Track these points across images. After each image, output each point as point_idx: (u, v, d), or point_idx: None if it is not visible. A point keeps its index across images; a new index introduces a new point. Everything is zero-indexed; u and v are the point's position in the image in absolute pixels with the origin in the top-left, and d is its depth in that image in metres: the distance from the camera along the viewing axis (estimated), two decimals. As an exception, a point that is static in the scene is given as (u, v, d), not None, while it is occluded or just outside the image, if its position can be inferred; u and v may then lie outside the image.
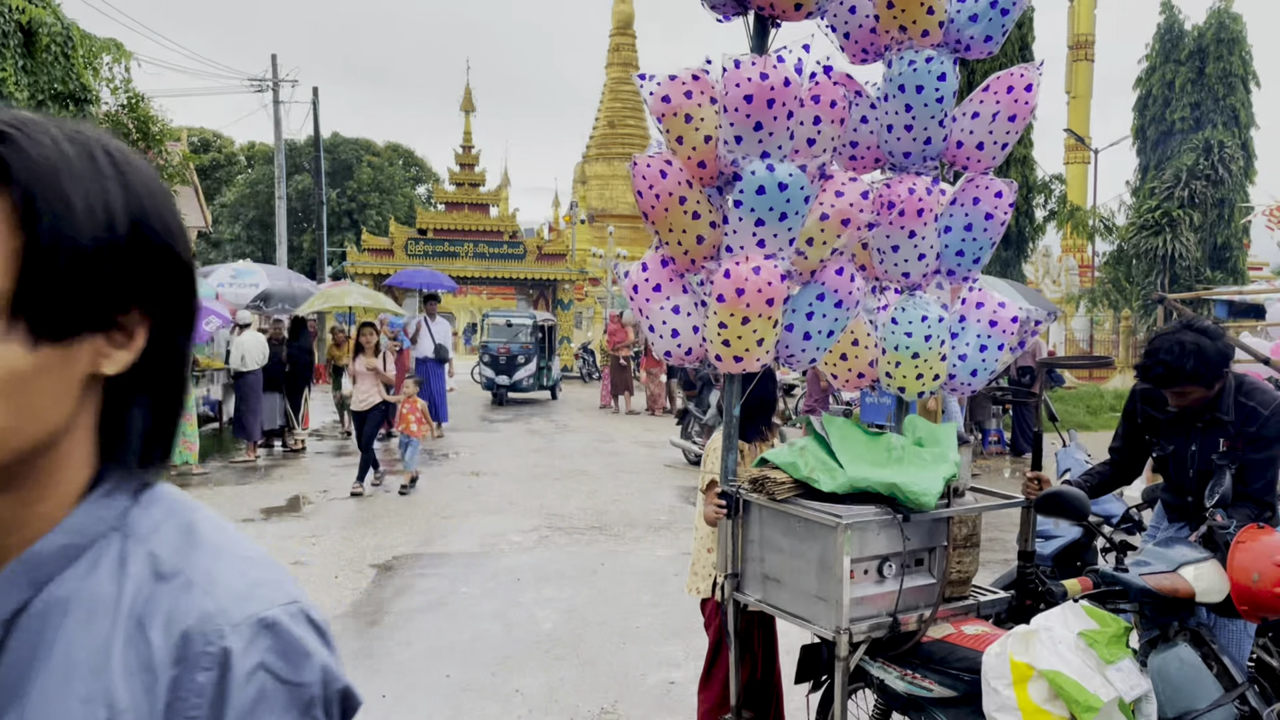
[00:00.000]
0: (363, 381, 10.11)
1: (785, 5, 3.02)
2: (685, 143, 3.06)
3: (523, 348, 19.72)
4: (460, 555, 7.47)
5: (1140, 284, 19.12)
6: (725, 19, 3.16)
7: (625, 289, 3.28)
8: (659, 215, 3.07)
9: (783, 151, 2.97)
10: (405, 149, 53.32)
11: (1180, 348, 3.17)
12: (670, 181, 3.03)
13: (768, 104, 2.86)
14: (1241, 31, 19.95)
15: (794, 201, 2.93)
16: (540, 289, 30.45)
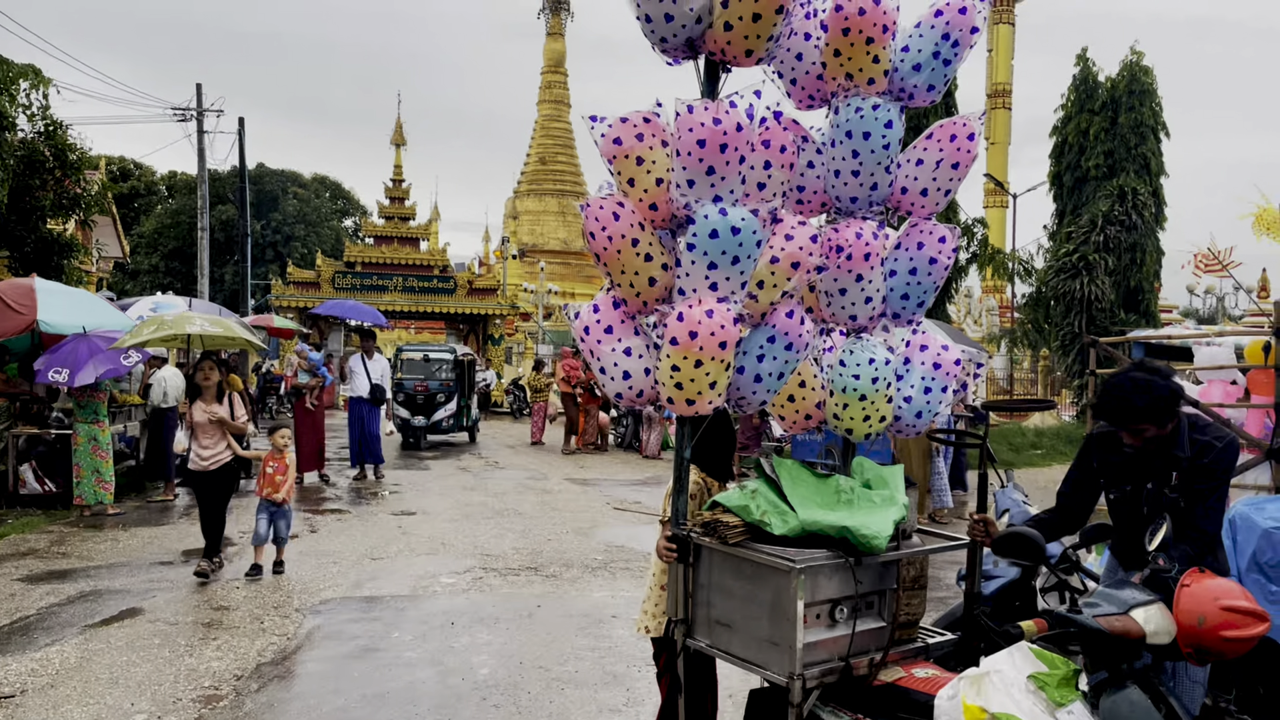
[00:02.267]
0: (204, 435, 7.74)
1: (737, 51, 3.05)
2: (637, 185, 3.06)
3: (443, 385, 18.39)
4: (391, 599, 7.25)
5: (1058, 325, 19.75)
6: (675, 62, 3.17)
7: (575, 330, 3.24)
8: (611, 257, 3.05)
9: (734, 195, 2.98)
10: (332, 181, 52.74)
11: (1132, 386, 3.25)
12: (623, 223, 3.01)
13: (720, 148, 2.88)
14: (1152, 84, 20.88)
15: (746, 245, 2.94)
16: (471, 324, 30.20)
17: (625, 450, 18.73)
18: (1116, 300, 19.46)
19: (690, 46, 3.11)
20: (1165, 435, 3.31)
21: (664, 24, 3.00)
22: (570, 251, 55.36)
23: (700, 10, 2.99)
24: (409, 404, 18.00)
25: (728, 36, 3.00)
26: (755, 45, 3.04)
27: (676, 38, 3.04)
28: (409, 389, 18.00)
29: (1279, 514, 3.93)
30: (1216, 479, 3.28)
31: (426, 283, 28.90)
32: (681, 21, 3.00)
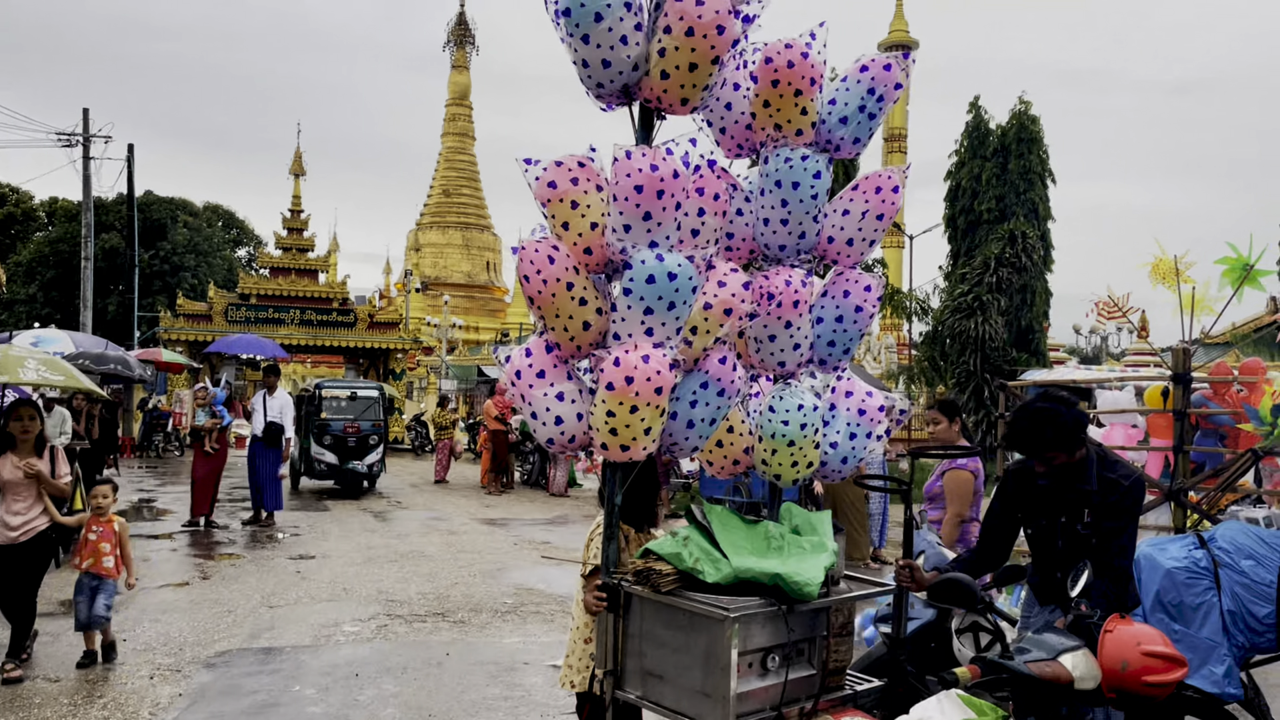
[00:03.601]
0: (15, 497, 6.34)
1: (672, 99, 3.07)
2: (571, 229, 3.04)
3: (374, 425, 16.91)
4: (291, 649, 6.94)
5: (954, 363, 20.42)
6: (609, 109, 3.17)
7: (506, 374, 3.18)
8: (545, 300, 3.01)
9: (670, 241, 2.99)
10: (226, 210, 51.15)
11: (1041, 416, 3.40)
12: (558, 267, 2.98)
13: (657, 194, 2.88)
14: (1040, 132, 22.01)
15: (682, 291, 2.94)
16: (371, 358, 29.56)
17: (531, 488, 18.54)
18: (1008, 339, 20.24)
19: (626, 93, 3.12)
20: (1075, 464, 3.43)
21: (601, 70, 3.00)
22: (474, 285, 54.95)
23: (637, 58, 3.01)
24: (338, 448, 16.42)
25: (664, 85, 3.02)
26: (690, 94, 3.07)
27: (613, 84, 3.04)
28: (337, 431, 16.44)
29: (1179, 554, 4.09)
30: (1127, 517, 3.41)
31: (325, 316, 28.24)
32: (619, 69, 3.00)
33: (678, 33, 2.93)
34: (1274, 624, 3.86)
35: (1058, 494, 3.51)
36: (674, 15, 2.93)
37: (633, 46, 2.98)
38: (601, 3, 2.88)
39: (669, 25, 2.95)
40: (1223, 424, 5.51)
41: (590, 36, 2.92)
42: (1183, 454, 5.15)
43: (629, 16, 2.93)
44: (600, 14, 2.88)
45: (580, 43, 2.95)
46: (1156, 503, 5.22)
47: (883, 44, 44.73)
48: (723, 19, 2.92)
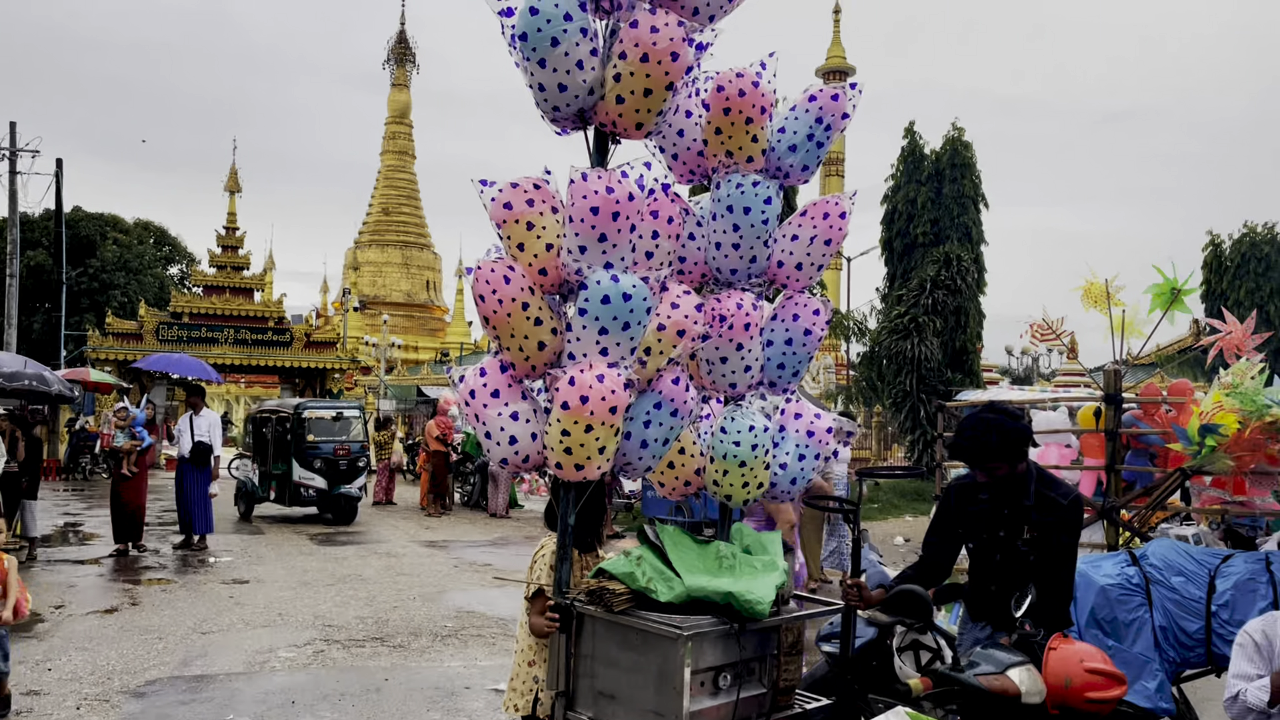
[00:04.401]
0: None
1: (627, 124, 3.12)
2: (527, 249, 3.06)
3: (362, 448, 15.96)
4: (224, 676, 6.76)
5: (891, 383, 20.78)
6: (564, 133, 3.22)
7: (460, 393, 3.18)
8: (501, 320, 3.02)
9: (625, 262, 3.03)
10: (157, 227, 49.80)
11: (986, 426, 3.46)
12: (513, 287, 3.00)
13: (613, 216, 2.93)
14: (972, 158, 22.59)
15: (637, 311, 2.98)
16: (308, 378, 29.06)
17: (472, 510, 18.35)
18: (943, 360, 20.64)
19: (581, 117, 3.16)
20: (1015, 480, 3.49)
21: (558, 94, 3.04)
22: (414, 304, 54.43)
23: (593, 83, 3.05)
24: (330, 471, 15.44)
25: (619, 109, 3.07)
26: (645, 119, 3.13)
27: (569, 107, 3.08)
28: (328, 454, 15.48)
29: (1113, 571, 4.22)
30: (1067, 535, 3.48)
31: (260, 335, 27.73)
32: (575, 93, 3.04)
33: (633, 58, 2.98)
34: (1204, 639, 3.99)
35: (998, 510, 3.57)
36: (629, 41, 2.98)
37: (589, 71, 3.02)
38: (559, 28, 2.92)
39: (624, 51, 3.00)
40: (1153, 443, 5.71)
41: (547, 61, 2.96)
42: (1115, 473, 5.32)
43: (585, 42, 2.98)
44: (557, 39, 2.93)
45: (537, 66, 2.98)
46: (1090, 521, 5.38)
47: (820, 70, 45.57)
48: (677, 46, 2.98)
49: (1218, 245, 29.33)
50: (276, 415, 16.23)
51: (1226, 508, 5.39)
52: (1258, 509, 5.26)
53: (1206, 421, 4.51)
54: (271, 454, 15.92)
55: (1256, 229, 28.67)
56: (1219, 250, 29.18)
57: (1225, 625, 3.91)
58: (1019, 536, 3.50)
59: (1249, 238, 28.57)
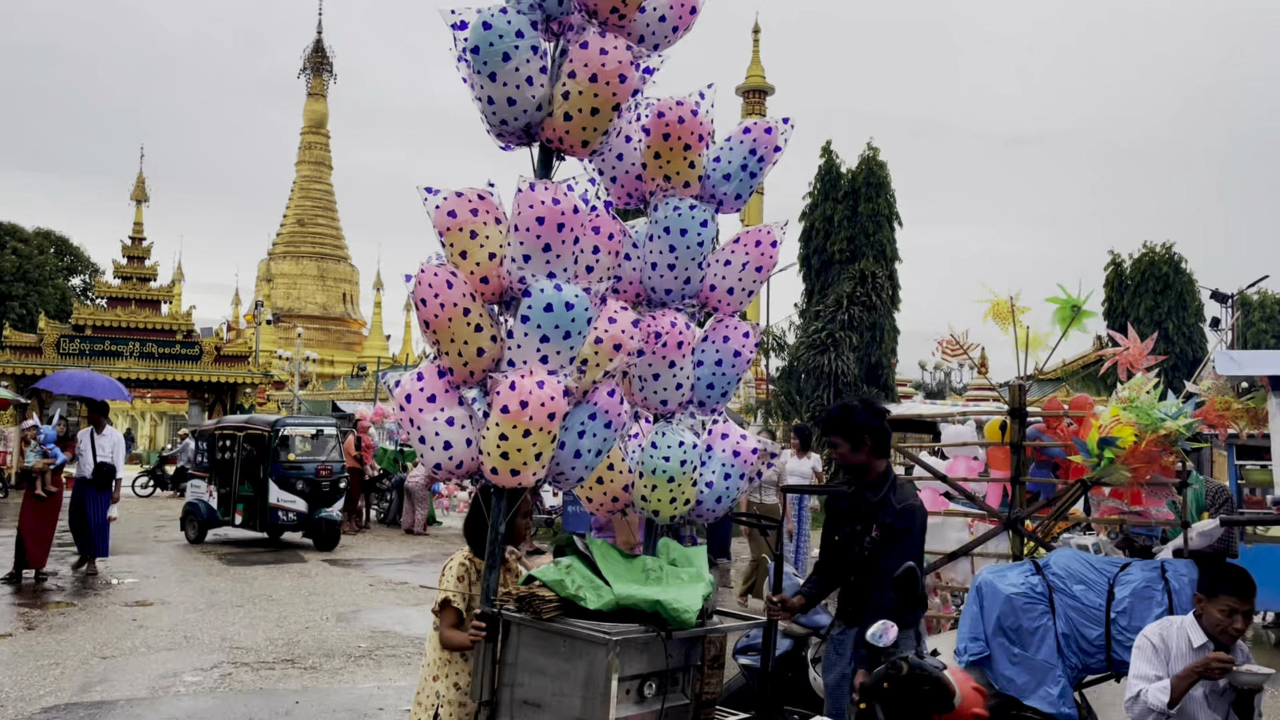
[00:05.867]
0: None
1: (573, 141, 3.22)
2: (469, 257, 3.12)
3: (342, 467, 14.92)
4: (126, 703, 6.49)
5: (809, 397, 21.11)
6: (508, 148, 3.30)
7: (396, 398, 3.19)
8: (441, 325, 3.07)
9: (567, 274, 3.11)
10: (59, 236, 47.84)
11: (838, 405, 3.88)
12: (455, 293, 3.05)
13: (558, 227, 3.01)
14: (887, 177, 23.13)
15: (578, 321, 3.05)
16: (218, 393, 28.23)
17: (389, 527, 18.02)
18: (860, 374, 21.06)
19: (528, 133, 3.25)
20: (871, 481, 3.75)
21: (506, 108, 3.12)
22: (330, 317, 53.36)
23: (541, 99, 3.15)
24: (312, 493, 14.22)
25: (566, 126, 3.17)
26: (590, 136, 3.22)
27: (517, 122, 3.16)
28: (310, 474, 14.28)
29: (1017, 580, 4.40)
30: (912, 538, 3.69)
31: (168, 349, 26.87)
32: (523, 108, 3.13)
33: (582, 78, 3.09)
34: (1104, 645, 4.19)
35: (856, 508, 3.80)
36: (579, 61, 3.09)
37: (537, 88, 3.12)
38: (510, 43, 3.01)
39: (574, 70, 3.11)
40: (1055, 456, 5.96)
41: (498, 75, 3.05)
42: (1019, 484, 5.55)
43: (535, 59, 3.08)
44: (508, 54, 3.02)
45: (487, 80, 3.06)
46: (995, 532, 5.58)
47: (740, 88, 46.32)
48: (624, 69, 3.10)
49: (1119, 264, 30.41)
50: (245, 432, 14.92)
51: (1124, 517, 5.67)
52: (1153, 518, 5.55)
53: (1105, 434, 4.74)
54: (237, 474, 14.66)
55: (1155, 249, 29.80)
56: (1120, 269, 30.25)
57: (1124, 631, 4.11)
58: (869, 534, 3.70)
59: (1148, 257, 29.68)
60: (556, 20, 3.23)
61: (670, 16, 3.44)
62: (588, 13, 3.25)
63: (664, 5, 3.43)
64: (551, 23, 3.22)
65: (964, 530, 6.47)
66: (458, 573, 3.46)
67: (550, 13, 3.20)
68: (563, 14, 3.22)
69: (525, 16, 3.11)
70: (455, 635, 3.39)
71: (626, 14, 3.26)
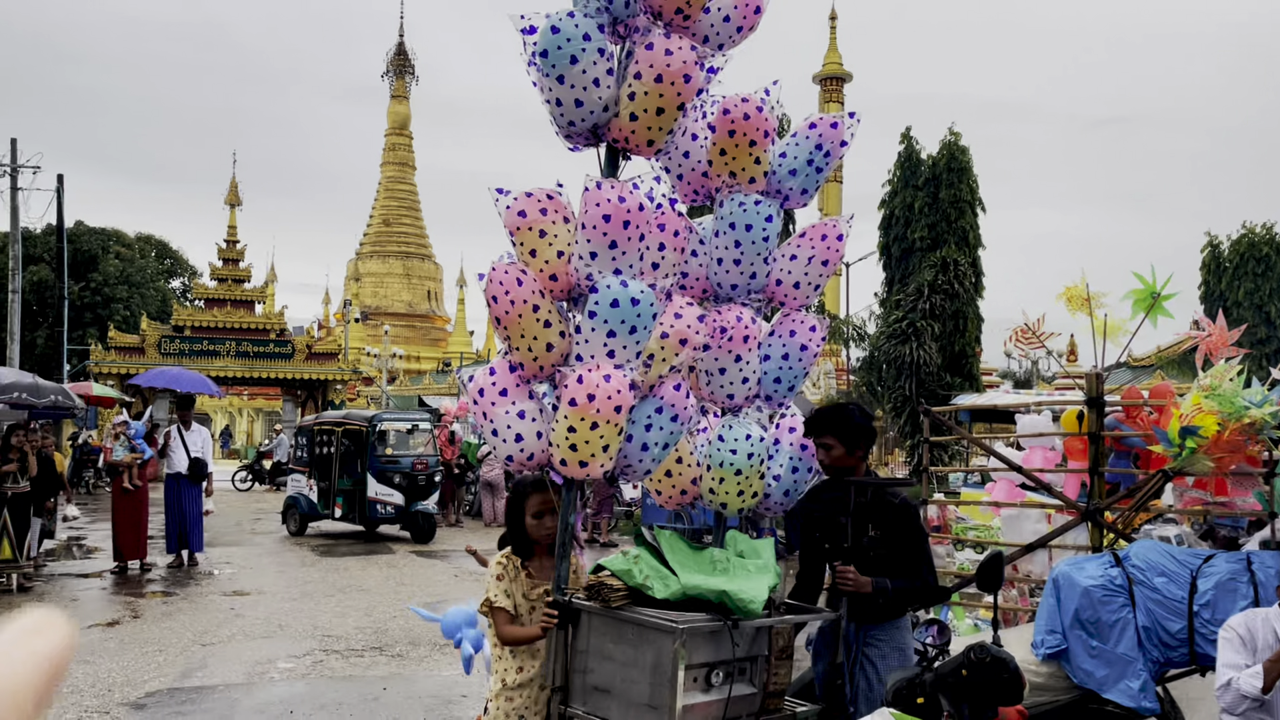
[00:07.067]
0: None
1: (639, 141, 3.29)
2: (538, 256, 3.22)
3: (437, 461, 15.22)
4: (224, 688, 6.81)
5: (890, 388, 20.80)
6: (576, 149, 3.39)
7: (469, 392, 3.32)
8: (512, 321, 3.17)
9: (633, 270, 3.18)
10: (159, 240, 49.90)
11: (834, 407, 3.86)
12: (525, 290, 3.16)
13: (624, 224, 3.09)
14: (969, 162, 22.56)
15: (644, 316, 3.12)
16: (309, 389, 29.16)
17: (473, 519, 18.40)
18: (942, 364, 20.65)
19: (595, 133, 3.33)
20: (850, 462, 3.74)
21: (574, 109, 3.21)
22: (415, 314, 54.55)
23: (608, 100, 3.23)
24: (408, 486, 14.56)
25: (632, 126, 3.24)
26: (656, 136, 3.30)
27: (584, 123, 3.25)
28: (406, 468, 14.62)
29: (1096, 572, 4.31)
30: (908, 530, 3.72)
31: (262, 347, 27.88)
32: (590, 109, 3.22)
33: (647, 79, 3.16)
34: (1186, 639, 4.09)
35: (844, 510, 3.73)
36: (644, 62, 3.16)
37: (604, 89, 3.20)
38: (578, 47, 3.10)
39: (639, 71, 3.18)
40: (1135, 446, 5.80)
41: (565, 77, 3.14)
42: (1098, 475, 5.42)
43: (602, 61, 3.16)
44: (576, 57, 3.10)
45: (555, 83, 3.16)
46: (1073, 523, 5.47)
47: (817, 76, 45.71)
48: (689, 69, 3.16)
49: (1216, 246, 29.28)
50: (343, 428, 15.36)
51: (1208, 508, 5.50)
52: (1239, 509, 5.37)
53: (1186, 423, 4.61)
54: (336, 468, 15.09)
55: (1255, 229, 28.61)
56: (1217, 251, 29.13)
57: (1207, 625, 4.00)
58: (864, 532, 3.69)
59: (1247, 238, 28.52)
60: (622, 22, 3.29)
61: (735, 17, 3.49)
62: (653, 14, 3.32)
63: (728, 6, 3.47)
64: (618, 25, 3.29)
65: (1041, 522, 6.35)
66: (496, 572, 3.46)
67: (616, 15, 3.27)
68: (628, 16, 3.29)
69: (592, 20, 3.19)
70: (517, 630, 3.40)
71: (691, 15, 3.32)
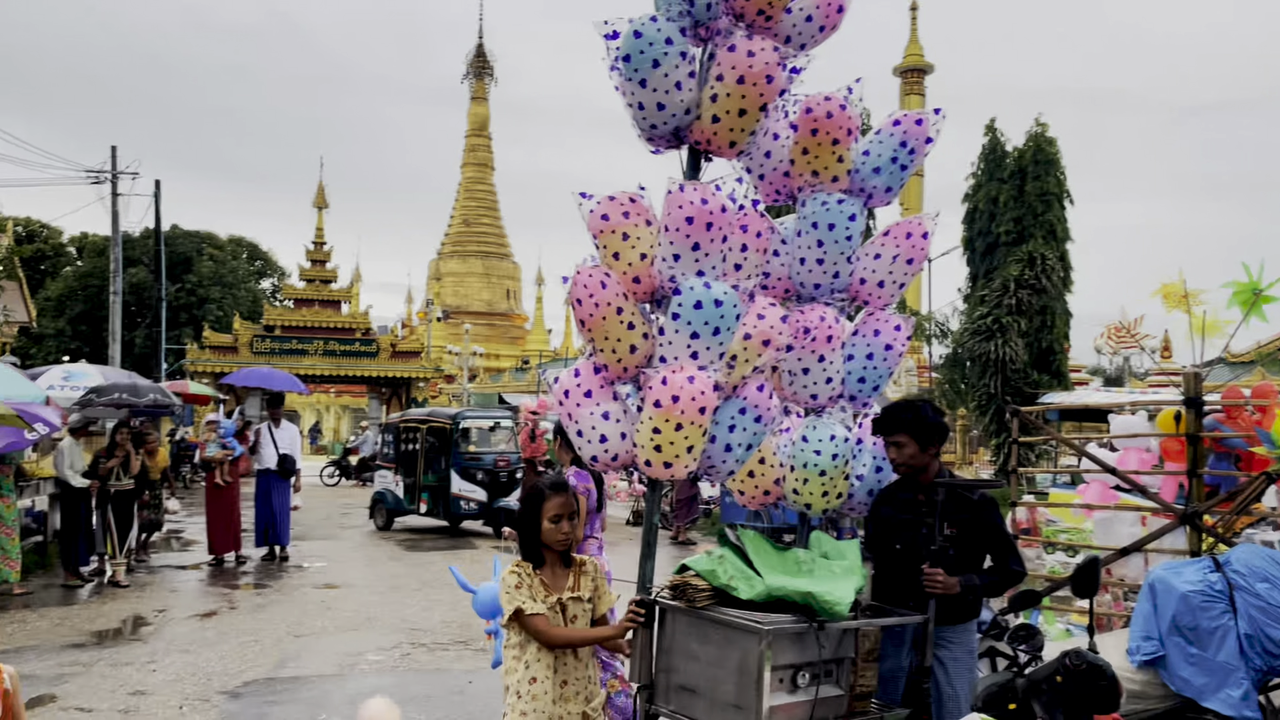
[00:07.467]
0: None
1: (721, 142, 3.30)
2: (621, 258, 3.25)
3: (519, 458, 14.41)
4: (316, 679, 7.01)
5: (974, 385, 20.24)
6: (658, 151, 3.41)
7: (554, 394, 3.37)
8: (596, 323, 3.21)
9: (716, 272, 3.20)
10: (250, 242, 51.64)
11: (905, 404, 3.72)
12: (609, 292, 3.19)
13: (707, 226, 3.10)
14: (1056, 154, 21.74)
15: (727, 318, 3.13)
16: (393, 387, 29.85)
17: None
18: (1029, 361, 20.04)
19: (676, 136, 3.35)
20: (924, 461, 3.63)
21: (656, 112, 3.24)
22: (495, 313, 55.37)
23: (690, 103, 3.24)
24: (491, 483, 14.66)
25: (714, 128, 3.25)
26: (738, 137, 3.30)
27: (666, 125, 3.27)
28: (489, 465, 14.72)
29: (1194, 577, 4.16)
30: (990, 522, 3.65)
31: (348, 346, 28.61)
32: (672, 112, 3.24)
33: (729, 81, 3.17)
34: None
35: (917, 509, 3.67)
36: (726, 65, 3.17)
37: (686, 92, 3.22)
38: (660, 51, 3.12)
39: (721, 74, 3.19)
40: (1236, 447, 5.57)
41: (648, 81, 3.17)
42: (1197, 478, 5.23)
43: (684, 64, 3.18)
44: (658, 61, 3.13)
45: (638, 87, 3.18)
46: (1171, 527, 5.28)
47: (898, 68, 44.85)
48: (771, 69, 3.16)
49: (1324, 237, 27.87)
50: (428, 425, 15.59)
51: (1316, 512, 5.27)
52: (1348, 513, 5.14)
53: (1292, 425, 4.43)
54: (421, 465, 15.33)
55: (1364, 220, 27.15)
56: (1326, 243, 27.77)
57: None
58: (941, 533, 3.56)
59: (1356, 229, 27.08)
60: (704, 25, 3.30)
61: (817, 16, 3.47)
62: (735, 16, 3.32)
63: (810, 5, 3.45)
64: (699, 28, 3.30)
65: (1135, 525, 6.15)
66: (514, 582, 3.22)
67: (698, 18, 3.28)
68: (710, 19, 3.29)
69: (674, 23, 3.20)
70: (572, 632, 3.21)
71: (773, 16, 3.31)
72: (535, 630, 3.15)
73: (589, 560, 3.37)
